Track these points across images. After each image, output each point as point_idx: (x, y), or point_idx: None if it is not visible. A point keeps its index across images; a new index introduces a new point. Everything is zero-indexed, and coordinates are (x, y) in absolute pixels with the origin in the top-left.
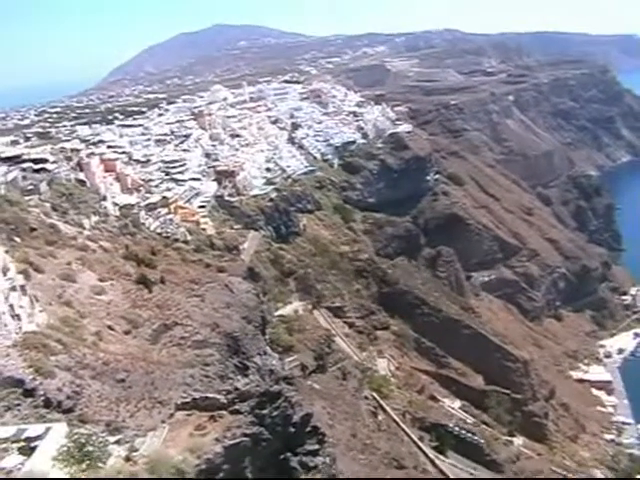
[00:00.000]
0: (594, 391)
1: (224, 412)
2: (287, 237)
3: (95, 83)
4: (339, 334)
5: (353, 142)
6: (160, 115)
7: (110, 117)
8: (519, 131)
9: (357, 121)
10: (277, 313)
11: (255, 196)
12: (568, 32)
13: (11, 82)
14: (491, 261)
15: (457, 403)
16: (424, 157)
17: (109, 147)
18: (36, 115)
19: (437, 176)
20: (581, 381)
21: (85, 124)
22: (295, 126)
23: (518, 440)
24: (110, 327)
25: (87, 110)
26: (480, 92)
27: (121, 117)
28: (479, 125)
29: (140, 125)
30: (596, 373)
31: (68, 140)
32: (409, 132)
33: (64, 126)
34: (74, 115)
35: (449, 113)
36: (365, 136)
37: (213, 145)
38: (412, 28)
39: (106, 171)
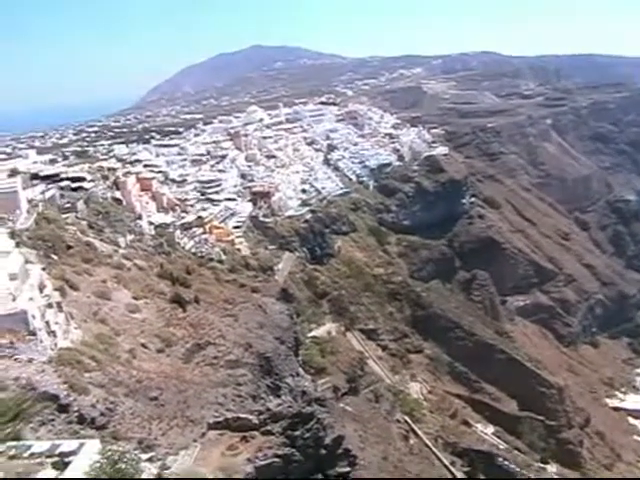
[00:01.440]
0: (631, 420)
1: (256, 433)
2: (321, 258)
3: (133, 102)
4: (372, 357)
5: (389, 164)
6: (196, 135)
7: (147, 137)
8: (557, 155)
9: (393, 143)
10: (310, 334)
11: (290, 217)
12: (607, 54)
13: (51, 100)
14: (526, 286)
15: (490, 428)
16: (460, 180)
17: (145, 166)
18: (74, 134)
19: (473, 199)
20: (617, 409)
21: (122, 143)
22: (331, 147)
23: (552, 467)
24: (144, 345)
25: (124, 129)
26: (517, 115)
27: (158, 137)
28: (516, 148)
29: (176, 145)
30: (633, 401)
31: (105, 159)
32: (445, 155)
33: (102, 145)
34: (111, 134)
35: (486, 136)
36: (401, 158)
37: (249, 166)
38: (449, 50)
39: (142, 190)
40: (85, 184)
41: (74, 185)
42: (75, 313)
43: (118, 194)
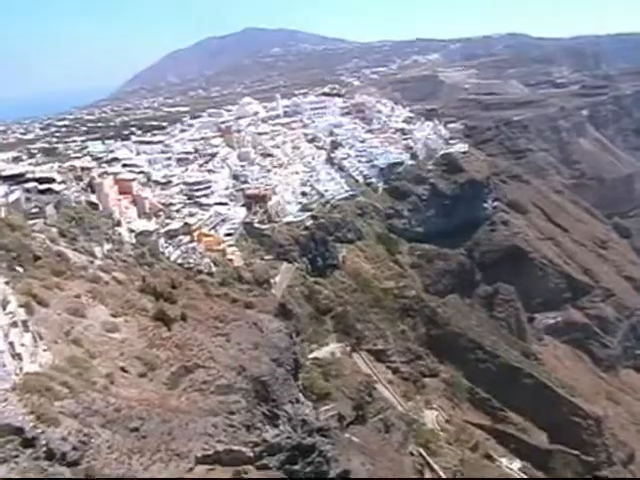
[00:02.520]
0: None
1: (250, 467)
2: (324, 270)
3: (109, 93)
4: (381, 381)
5: (400, 163)
6: (183, 131)
7: (126, 132)
8: (593, 151)
9: (405, 140)
10: (311, 355)
11: (289, 223)
12: None
13: (13, 92)
14: (557, 301)
15: (516, 463)
16: (481, 181)
17: (124, 166)
18: (41, 129)
19: (496, 203)
20: None
21: (97, 140)
22: (335, 145)
23: None
24: (123, 369)
25: (100, 124)
26: (548, 107)
27: (138, 132)
28: (546, 145)
29: (160, 142)
30: None
31: (78, 157)
32: (464, 152)
33: (73, 141)
34: (85, 129)
35: (511, 131)
36: (414, 157)
37: (242, 165)
38: (470, 32)
39: (121, 193)
40: (55, 186)
41: (42, 187)
42: (44, 333)
43: (93, 197)
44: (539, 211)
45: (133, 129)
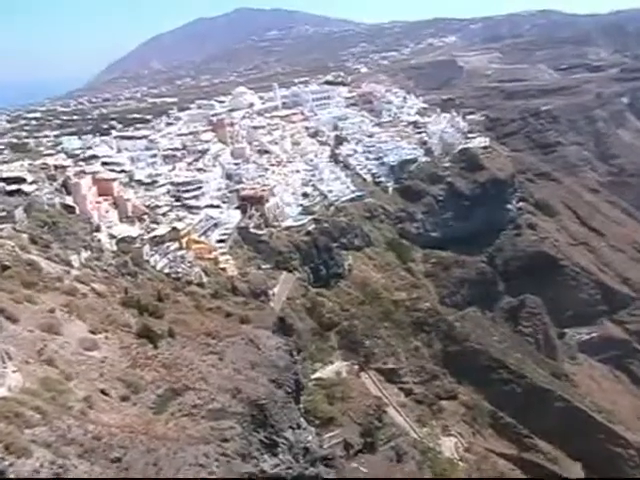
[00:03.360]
0: None
1: None
2: (328, 280)
3: (85, 82)
4: (393, 404)
5: (413, 160)
6: (169, 125)
7: (105, 126)
8: (635, 144)
9: (419, 134)
10: (314, 376)
11: (288, 228)
12: None
13: None
14: (592, 314)
15: None
16: (504, 180)
17: (104, 164)
18: (9, 121)
19: (521, 204)
20: None
21: (73, 134)
22: (339, 140)
23: None
24: (103, 392)
25: (75, 117)
26: (582, 94)
27: (119, 126)
28: (579, 137)
29: (144, 137)
30: None
31: (51, 154)
32: (485, 147)
33: (46, 136)
34: (58, 122)
35: (539, 122)
36: (429, 153)
37: (236, 163)
38: (493, 11)
39: (100, 195)
40: (25, 187)
41: (10, 188)
42: (13, 352)
43: (69, 200)
44: (571, 213)
45: (113, 123)
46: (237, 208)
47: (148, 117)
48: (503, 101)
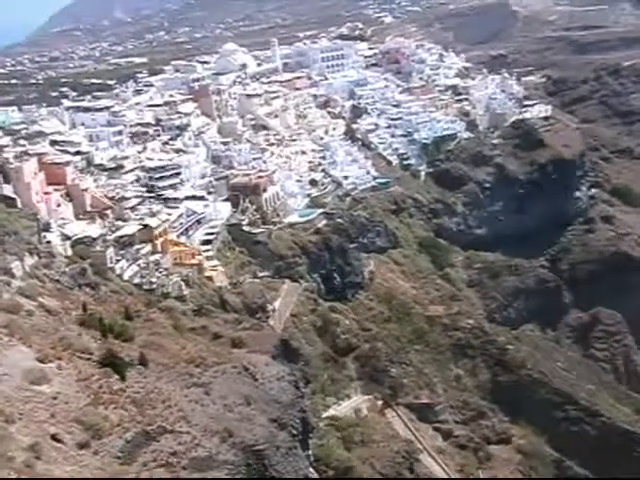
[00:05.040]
0: None
1: None
2: (344, 291)
3: (26, 35)
4: (427, 449)
5: (452, 137)
6: (138, 92)
7: (54, 94)
8: None
9: (459, 102)
10: (327, 414)
11: (292, 225)
12: None
13: None
14: None
15: None
16: (572, 160)
17: (54, 144)
18: None
19: (594, 191)
20: None
21: (11, 105)
22: (357, 112)
23: None
24: (55, 437)
25: (14, 81)
26: None
27: (73, 94)
28: None
29: (105, 109)
30: None
31: None
32: (547, 118)
33: None
34: None
35: (619, 83)
36: (472, 126)
37: (225, 143)
38: None
39: (50, 183)
40: None
41: None
42: None
43: (8, 190)
44: None
45: (64, 90)
46: (227, 200)
47: (110, 83)
48: (571, 56)
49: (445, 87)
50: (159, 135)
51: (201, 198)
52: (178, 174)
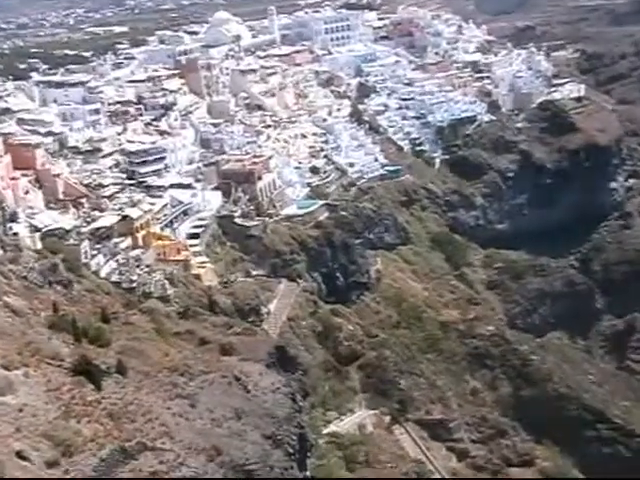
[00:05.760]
0: None
1: None
2: (347, 293)
3: None
4: (440, 471)
5: (471, 119)
6: (118, 66)
7: (22, 66)
8: None
9: (480, 80)
10: (328, 430)
11: (291, 218)
12: None
13: None
14: None
15: None
16: (607, 146)
17: (21, 122)
18: None
19: (632, 182)
20: None
21: None
22: (365, 91)
23: None
24: (20, 454)
25: None
26: None
27: (43, 67)
28: None
29: (80, 84)
30: None
31: None
32: (579, 99)
33: None
34: None
35: None
36: (494, 108)
37: (215, 124)
38: None
39: (17, 168)
40: None
41: None
42: None
43: None
44: None
45: (34, 61)
46: (217, 189)
47: (86, 54)
48: (608, 28)
49: (464, 63)
50: (141, 115)
51: (188, 186)
52: (162, 159)
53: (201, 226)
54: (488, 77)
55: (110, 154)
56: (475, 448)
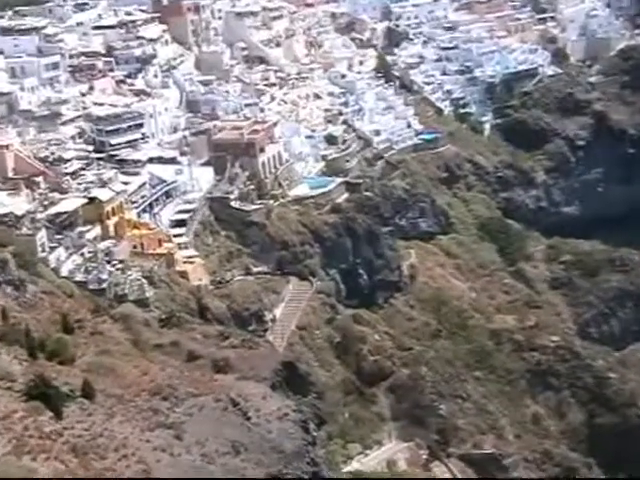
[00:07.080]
0: None
1: None
2: (372, 294)
3: None
4: None
5: (531, 73)
6: (81, 8)
7: None
8: None
9: (542, 22)
10: (349, 468)
11: (300, 200)
12: None
13: None
14: None
15: None
16: None
17: None
18: None
19: None
20: None
21: None
22: (394, 38)
23: None
24: None
25: None
26: None
27: None
28: None
29: (34, 30)
30: None
31: None
32: None
33: None
34: None
35: None
36: (561, 58)
37: (205, 83)
38: None
39: None
40: None
41: None
42: None
43: None
44: None
45: None
46: (208, 164)
47: None
48: None
49: (522, 1)
50: (112, 70)
51: (171, 161)
52: (139, 126)
53: (188, 211)
54: (553, 18)
55: (72, 120)
56: None
